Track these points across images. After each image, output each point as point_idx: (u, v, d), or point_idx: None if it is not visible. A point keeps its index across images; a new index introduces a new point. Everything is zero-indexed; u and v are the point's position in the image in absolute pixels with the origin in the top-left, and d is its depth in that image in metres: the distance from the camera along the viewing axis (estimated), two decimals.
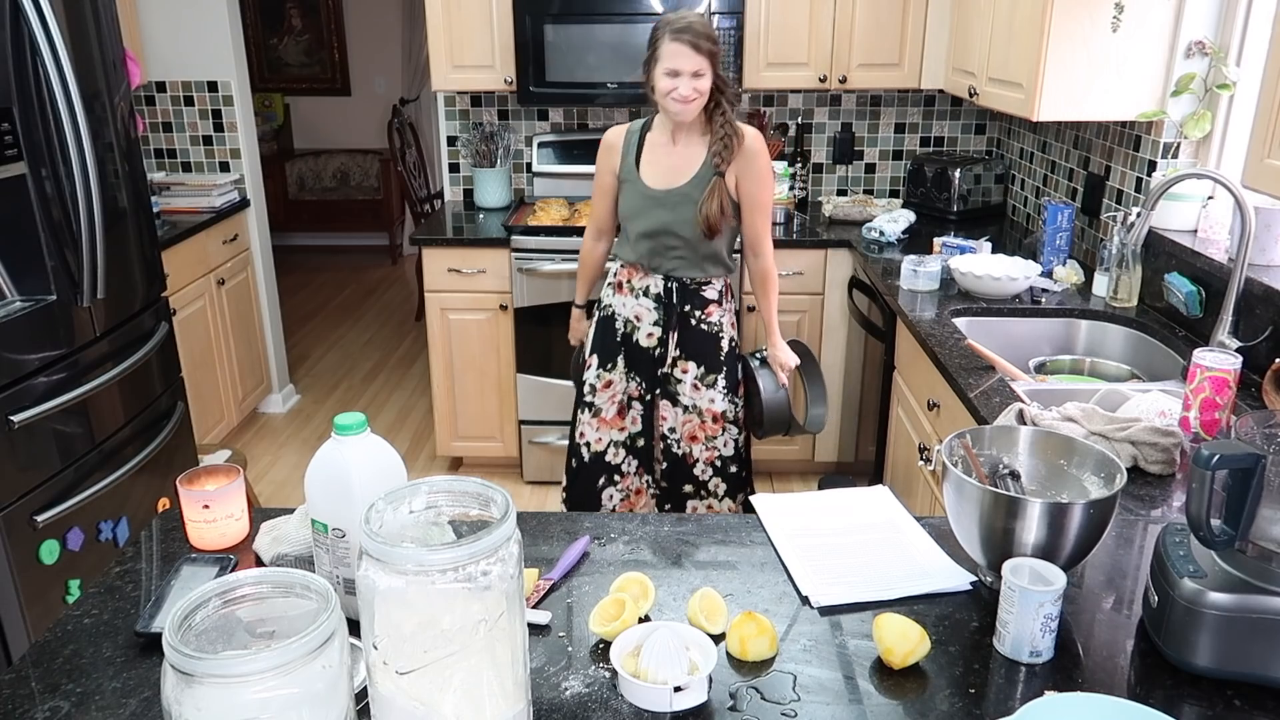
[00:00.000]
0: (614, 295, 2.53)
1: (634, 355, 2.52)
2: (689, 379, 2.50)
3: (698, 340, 2.48)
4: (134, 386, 2.61)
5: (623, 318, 2.51)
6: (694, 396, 2.51)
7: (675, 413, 2.54)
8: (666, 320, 2.47)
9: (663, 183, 2.37)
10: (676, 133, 2.37)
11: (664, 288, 2.45)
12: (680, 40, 2.19)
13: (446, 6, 3.40)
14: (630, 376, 2.54)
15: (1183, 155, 2.54)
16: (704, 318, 2.48)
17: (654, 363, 2.52)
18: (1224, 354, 1.71)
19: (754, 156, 2.36)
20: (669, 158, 2.38)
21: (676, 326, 2.47)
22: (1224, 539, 1.09)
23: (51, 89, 2.20)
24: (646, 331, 2.49)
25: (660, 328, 2.48)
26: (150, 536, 1.46)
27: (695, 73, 2.20)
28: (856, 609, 1.25)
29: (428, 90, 6.13)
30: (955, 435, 1.34)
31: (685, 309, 2.46)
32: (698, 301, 2.46)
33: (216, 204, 3.78)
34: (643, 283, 2.47)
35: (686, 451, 2.56)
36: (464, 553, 0.87)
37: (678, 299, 2.46)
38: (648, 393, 2.55)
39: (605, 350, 2.55)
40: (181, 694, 0.79)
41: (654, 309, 2.47)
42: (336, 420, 1.15)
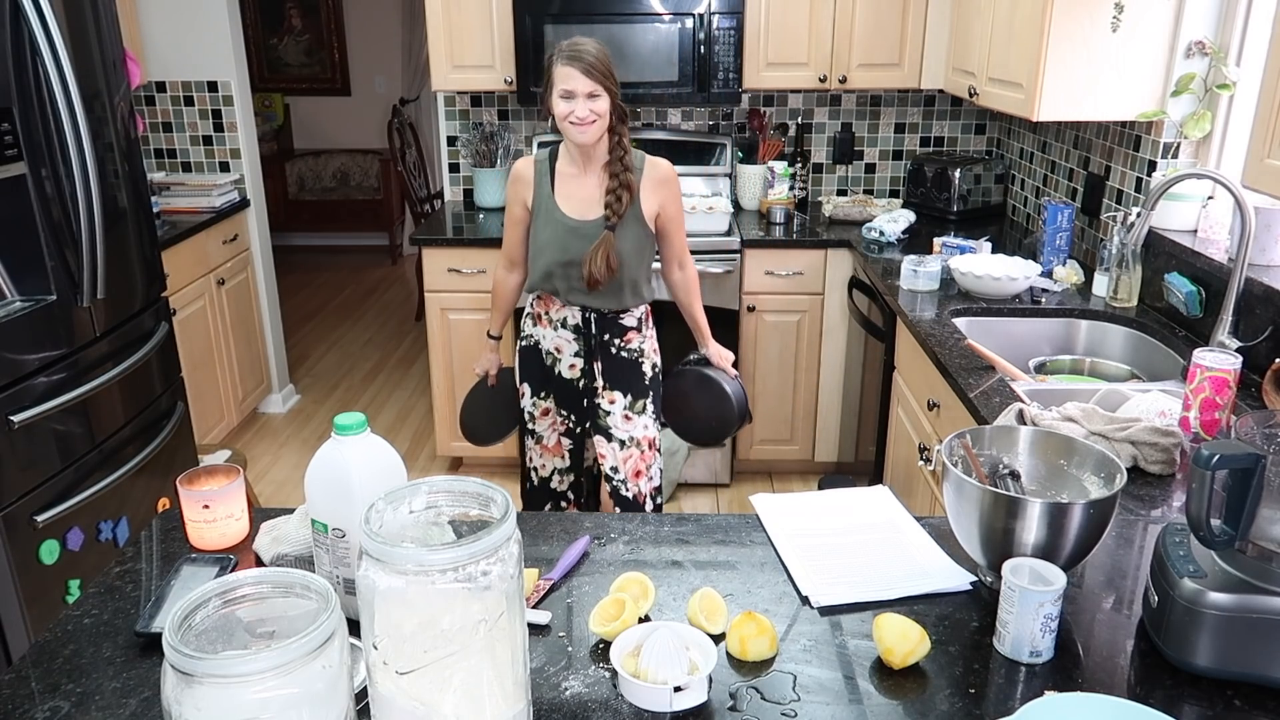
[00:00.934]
0: (534, 326, 2.49)
1: (559, 388, 2.50)
2: (618, 410, 2.47)
3: (620, 368, 2.46)
4: (134, 386, 2.61)
5: (545, 350, 2.48)
6: (627, 428, 2.48)
7: (612, 449, 2.50)
8: (588, 351, 2.45)
9: (579, 212, 2.34)
10: (584, 161, 2.33)
11: (582, 318, 2.42)
12: (571, 64, 2.19)
13: (446, 6, 3.40)
14: (559, 410, 2.53)
15: (1183, 155, 2.54)
16: (624, 345, 2.45)
17: (579, 394, 2.49)
18: (1224, 354, 1.71)
19: (668, 183, 2.37)
20: (582, 188, 2.35)
21: (599, 356, 2.45)
22: (1224, 539, 1.09)
23: (51, 89, 2.20)
24: (568, 363, 2.47)
25: (582, 359, 2.46)
26: (150, 536, 1.46)
27: (589, 94, 2.19)
28: (856, 609, 1.25)
29: (428, 90, 6.14)
30: (955, 435, 1.34)
31: (605, 337, 2.44)
32: (616, 330, 2.44)
33: (216, 204, 3.78)
34: (559, 314, 2.43)
35: (636, 491, 2.53)
36: (464, 553, 0.87)
37: (596, 329, 2.42)
38: (577, 426, 2.53)
39: (534, 379, 2.52)
40: (181, 694, 0.79)
41: (574, 340, 2.44)
42: (336, 420, 1.15)
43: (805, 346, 3.47)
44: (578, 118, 2.21)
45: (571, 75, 2.19)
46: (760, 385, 3.51)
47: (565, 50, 2.21)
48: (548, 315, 2.45)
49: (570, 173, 2.36)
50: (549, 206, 2.36)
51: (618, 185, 2.30)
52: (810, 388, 3.52)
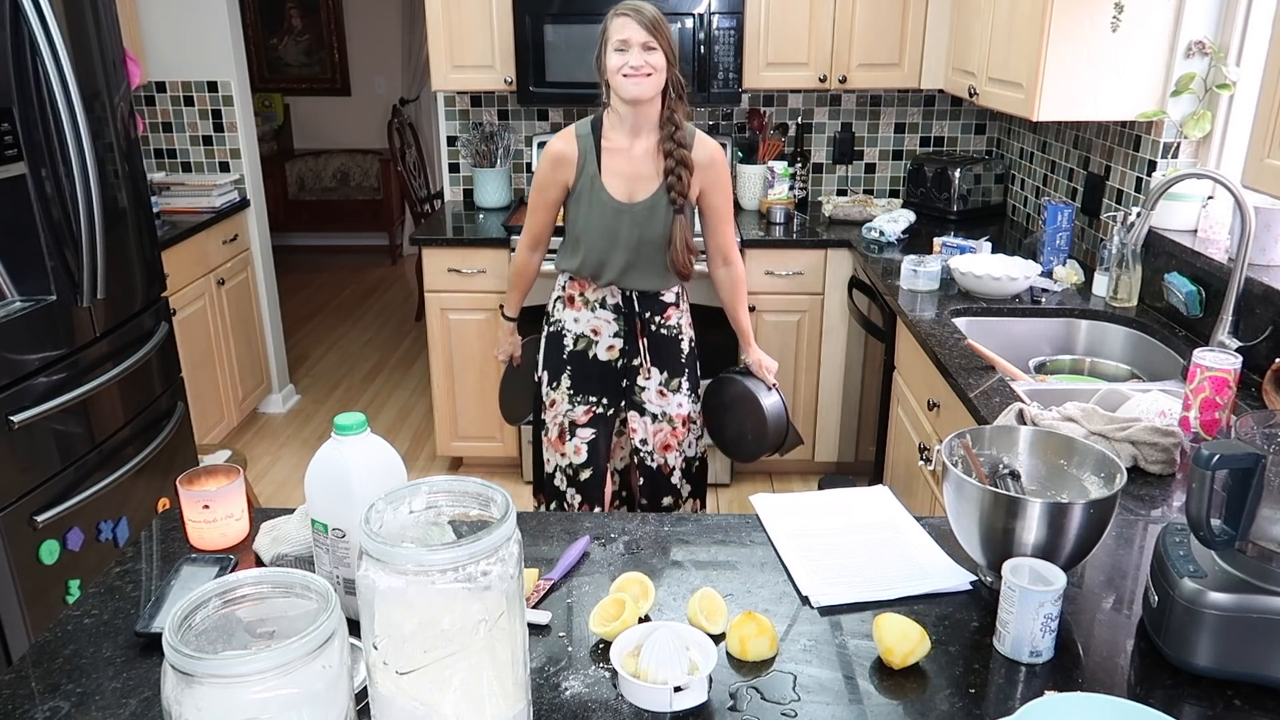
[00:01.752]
0: (564, 310, 2.40)
1: (585, 373, 2.41)
2: (653, 385, 2.43)
3: (660, 345, 2.42)
4: (134, 386, 2.61)
5: (573, 334, 2.39)
6: (661, 404, 2.44)
7: (644, 423, 2.46)
8: (629, 330, 2.38)
9: (627, 193, 2.26)
10: (633, 131, 2.23)
11: (623, 297, 2.36)
12: (626, 14, 2.12)
13: (446, 6, 3.40)
14: (574, 399, 2.42)
15: (1183, 155, 2.54)
16: (664, 322, 2.40)
17: (616, 375, 2.43)
18: (1224, 354, 1.71)
19: (713, 166, 2.29)
20: (630, 163, 2.25)
21: (643, 334, 2.39)
22: (1224, 539, 1.09)
23: (51, 89, 2.20)
24: (606, 344, 2.39)
25: (621, 339, 2.39)
26: (150, 536, 1.46)
27: (645, 45, 2.10)
28: (856, 609, 1.25)
29: (428, 90, 6.14)
30: (955, 435, 1.34)
31: (647, 315, 2.39)
32: (658, 307, 2.39)
33: (216, 204, 3.78)
34: (597, 295, 2.36)
35: (661, 463, 2.50)
36: (464, 553, 0.87)
37: (639, 306, 2.37)
38: (609, 408, 2.45)
39: (551, 367, 2.44)
40: (181, 694, 0.79)
41: (613, 320, 2.37)
42: (336, 420, 1.15)
43: (805, 346, 3.47)
44: (632, 67, 2.11)
45: (627, 25, 2.11)
46: None
47: (620, 6, 2.15)
48: (583, 296, 2.37)
49: (618, 146, 2.25)
50: (595, 188, 2.26)
51: (675, 163, 2.21)
52: (810, 388, 3.52)
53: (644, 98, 2.15)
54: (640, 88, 2.13)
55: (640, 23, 2.10)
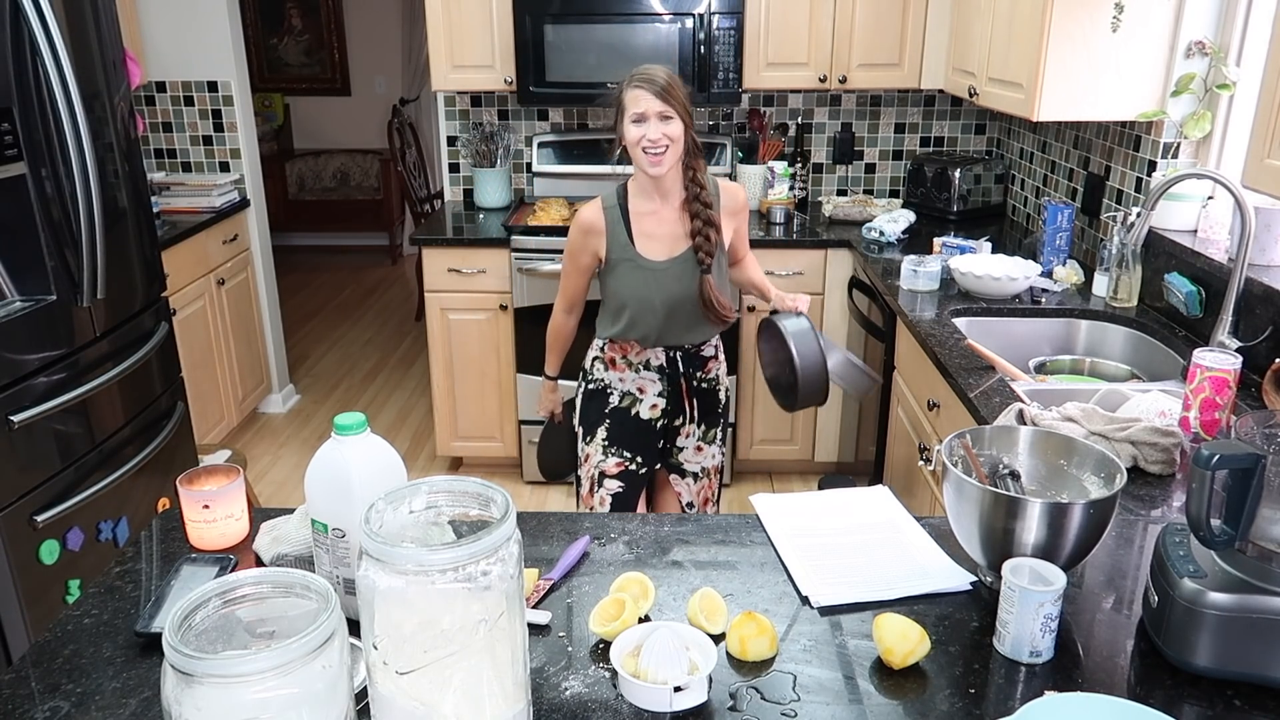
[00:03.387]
0: (605, 371, 2.36)
1: (624, 429, 2.36)
2: (691, 442, 2.41)
3: (703, 400, 2.40)
4: (134, 386, 2.61)
5: (619, 391, 2.36)
6: (699, 459, 2.44)
7: (686, 485, 2.45)
8: (673, 390, 2.35)
9: (663, 253, 2.23)
10: (660, 195, 2.22)
11: (667, 358, 2.32)
12: (641, 86, 2.10)
13: (446, 6, 3.40)
14: (607, 450, 2.37)
15: (1183, 155, 2.54)
16: (705, 376, 2.39)
17: (655, 435, 2.39)
18: (1224, 354, 1.71)
19: (743, 209, 2.33)
20: (661, 224, 2.23)
21: (687, 394, 2.36)
22: (1224, 539, 1.09)
23: (51, 89, 2.20)
24: (650, 404, 2.35)
25: (665, 399, 2.35)
26: (150, 536, 1.46)
27: (661, 114, 2.09)
28: (856, 609, 1.25)
29: (428, 90, 6.14)
30: (955, 435, 1.34)
31: (691, 372, 2.36)
32: (699, 363, 2.37)
33: (216, 204, 3.78)
34: (641, 357, 2.32)
35: None
36: (464, 553, 0.87)
37: (684, 365, 2.34)
38: (642, 467, 2.39)
39: (588, 421, 2.40)
40: (181, 694, 0.79)
41: (658, 380, 2.34)
42: (336, 420, 1.15)
43: None
44: (650, 140, 2.10)
45: (641, 97, 2.10)
46: (760, 385, 3.51)
47: (634, 75, 2.13)
48: (625, 359, 2.34)
49: (646, 210, 2.24)
50: (629, 255, 2.23)
51: (702, 224, 2.20)
52: None
53: (664, 173, 2.16)
54: (660, 166, 2.14)
55: (654, 93, 2.09)
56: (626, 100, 2.13)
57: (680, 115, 2.12)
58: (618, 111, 2.17)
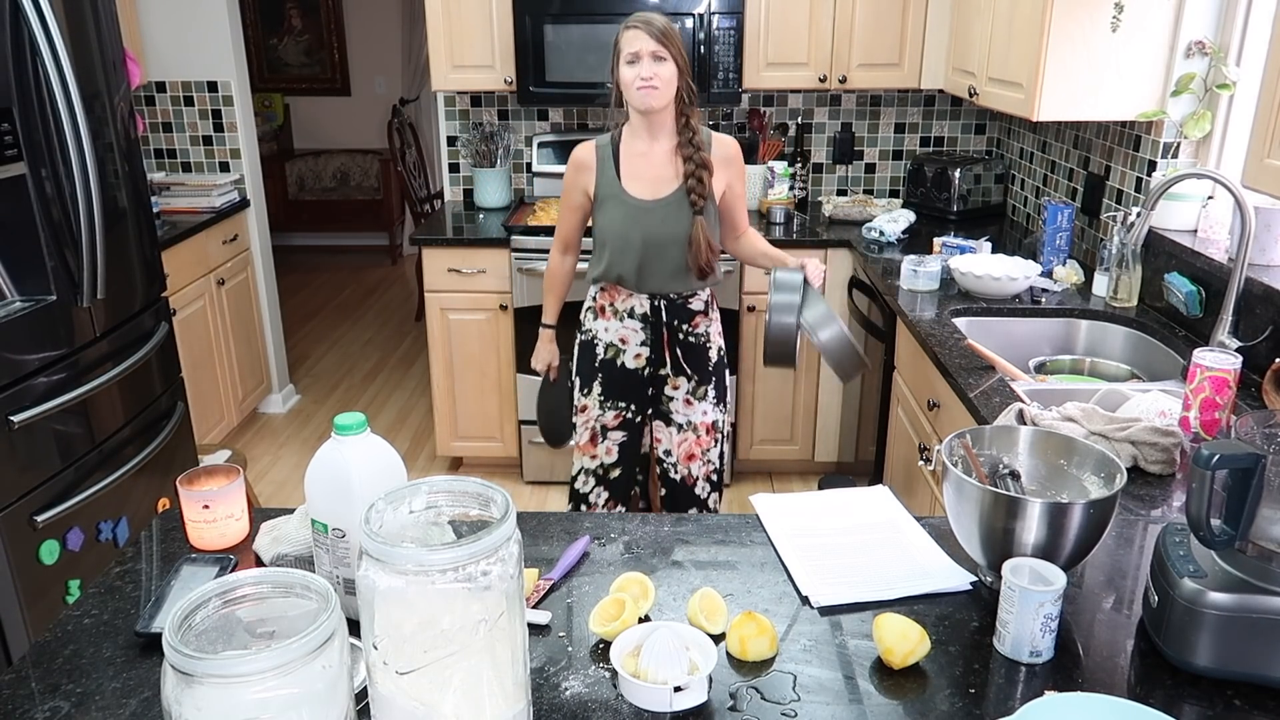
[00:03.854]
0: (595, 320, 2.44)
1: (615, 380, 2.44)
2: (680, 394, 2.45)
3: (688, 353, 2.43)
4: (134, 386, 2.61)
5: (604, 343, 2.42)
6: (687, 412, 2.46)
7: (669, 433, 2.48)
8: (655, 339, 2.40)
9: (649, 193, 2.30)
10: (650, 136, 2.29)
11: (650, 306, 2.38)
12: (636, 26, 2.17)
13: (446, 6, 3.40)
14: (604, 404, 2.45)
15: (1183, 155, 2.54)
16: (692, 329, 2.42)
17: (643, 383, 2.45)
18: (1224, 354, 1.71)
19: (736, 161, 2.35)
20: (650, 167, 2.30)
21: (669, 344, 2.41)
22: (1224, 539, 1.09)
23: (51, 89, 2.20)
24: (634, 353, 2.41)
25: (648, 347, 2.41)
26: (150, 536, 1.46)
27: (655, 55, 2.15)
28: (856, 609, 1.25)
29: (428, 90, 6.14)
30: (955, 435, 1.34)
31: (675, 323, 2.40)
32: (685, 315, 2.40)
33: (216, 204, 3.78)
34: (626, 304, 2.38)
35: (685, 473, 2.51)
36: (464, 553, 0.87)
37: (667, 315, 2.39)
38: (637, 415, 2.48)
39: (585, 374, 2.48)
40: (181, 694, 0.79)
41: (641, 329, 2.40)
42: (336, 420, 1.15)
43: (805, 346, 3.46)
44: (643, 79, 2.16)
45: (637, 37, 2.16)
46: (760, 385, 3.51)
47: (632, 19, 2.20)
48: (612, 306, 2.40)
49: (637, 150, 2.31)
50: (615, 191, 2.31)
51: (695, 166, 2.25)
52: (810, 388, 3.52)
53: (656, 107, 2.21)
54: (652, 98, 2.18)
55: (650, 34, 2.15)
56: (622, 41, 2.19)
57: (675, 58, 2.18)
58: (614, 55, 2.22)
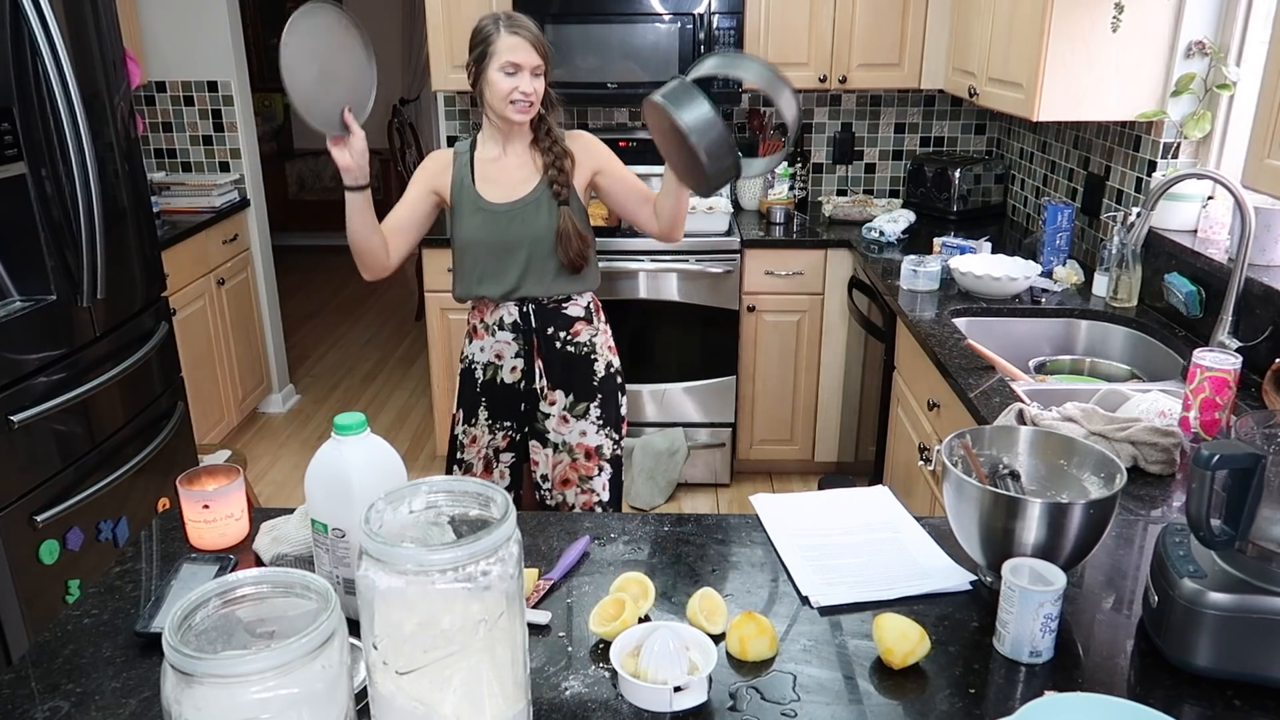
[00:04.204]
0: (470, 343, 2.27)
1: (496, 399, 2.25)
2: (556, 411, 2.24)
3: (565, 364, 2.22)
4: (134, 386, 2.61)
5: (481, 364, 2.24)
6: (562, 431, 2.25)
7: (545, 455, 2.28)
8: (528, 349, 2.21)
9: (504, 196, 2.14)
10: (507, 141, 2.15)
11: (519, 313, 2.18)
12: (519, 33, 2.00)
13: (446, 6, 3.40)
14: (493, 427, 2.27)
15: (1183, 155, 2.54)
16: (571, 338, 2.21)
17: (519, 397, 2.25)
18: (1224, 354, 1.71)
19: (591, 145, 2.19)
20: (503, 170, 2.15)
21: (541, 352, 2.21)
22: (1224, 539, 1.09)
23: (51, 89, 2.20)
24: (510, 366, 2.22)
25: (523, 359, 2.22)
26: (150, 536, 1.46)
27: (535, 70, 2.02)
28: (856, 609, 1.25)
29: (428, 90, 6.14)
30: (955, 435, 1.34)
31: (548, 331, 2.20)
32: (560, 321, 2.20)
33: (216, 204, 3.78)
34: (494, 316, 2.20)
35: (560, 500, 2.30)
36: (464, 553, 0.87)
37: (537, 321, 2.19)
38: (516, 433, 2.29)
39: (467, 404, 2.29)
40: (181, 694, 0.79)
41: (513, 340, 2.20)
42: (336, 420, 1.15)
43: (805, 346, 3.47)
44: (523, 94, 2.02)
45: (520, 47, 2.00)
46: (760, 385, 3.51)
47: (506, 19, 2.02)
48: (483, 323, 2.23)
49: (490, 156, 2.16)
50: (471, 197, 2.15)
51: (555, 157, 2.12)
52: (810, 388, 3.52)
53: (526, 122, 2.11)
54: (527, 115, 2.07)
55: (534, 44, 2.02)
56: (501, 46, 2.01)
57: (546, 71, 2.06)
58: (484, 54, 2.04)
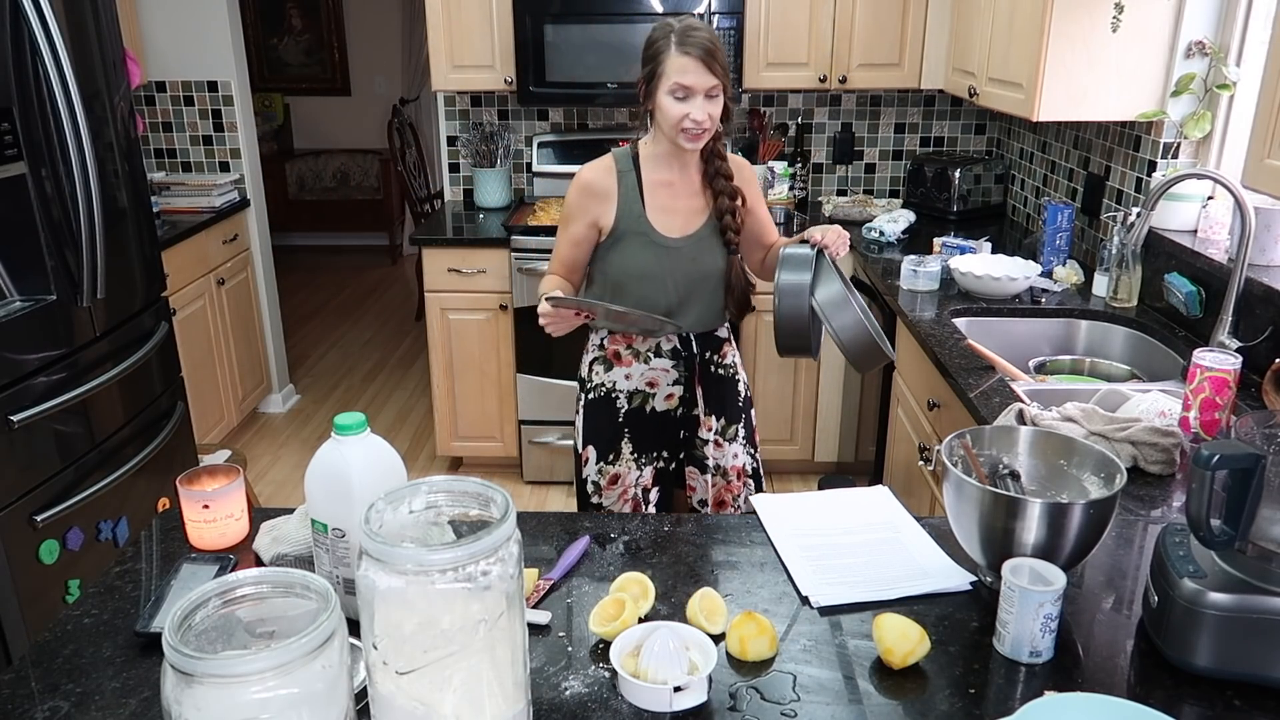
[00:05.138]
0: (608, 371, 2.07)
1: (644, 430, 2.10)
2: (711, 436, 2.14)
3: (719, 388, 2.13)
4: (134, 386, 2.61)
5: (626, 392, 2.07)
6: (717, 456, 2.14)
7: (704, 481, 2.16)
8: (689, 375, 2.08)
9: (679, 228, 1.98)
10: (682, 164, 1.97)
11: (680, 339, 2.05)
12: (688, 53, 1.79)
13: (446, 6, 3.40)
14: (640, 461, 2.11)
15: (1183, 155, 2.54)
16: (720, 361, 2.13)
17: (676, 425, 2.12)
18: (1224, 354, 1.71)
19: (750, 179, 2.08)
20: (676, 198, 1.98)
21: (701, 378, 2.09)
22: (1224, 539, 1.09)
23: (51, 89, 2.20)
24: (665, 394, 2.08)
25: (681, 385, 2.08)
26: (150, 536, 1.46)
27: (710, 93, 1.82)
28: (856, 609, 1.25)
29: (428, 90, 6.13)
30: (955, 435, 1.34)
31: (706, 355, 2.10)
32: (714, 344, 2.11)
33: (216, 204, 3.78)
34: (650, 342, 2.04)
35: None
36: (464, 553, 0.87)
37: (698, 347, 2.07)
38: (669, 462, 2.16)
39: (603, 440, 2.10)
40: (181, 694, 0.79)
41: (672, 367, 2.06)
42: (336, 420, 1.15)
43: None
44: (694, 121, 1.82)
45: (691, 68, 1.79)
46: (760, 385, 3.51)
47: (681, 35, 1.80)
48: (630, 349, 2.05)
49: (662, 179, 1.97)
50: (642, 228, 1.96)
51: (728, 200, 1.96)
52: (810, 388, 3.52)
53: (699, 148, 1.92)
54: (699, 143, 1.88)
55: (709, 66, 1.79)
56: (670, 67, 1.81)
57: (725, 89, 1.85)
58: (653, 73, 1.84)
